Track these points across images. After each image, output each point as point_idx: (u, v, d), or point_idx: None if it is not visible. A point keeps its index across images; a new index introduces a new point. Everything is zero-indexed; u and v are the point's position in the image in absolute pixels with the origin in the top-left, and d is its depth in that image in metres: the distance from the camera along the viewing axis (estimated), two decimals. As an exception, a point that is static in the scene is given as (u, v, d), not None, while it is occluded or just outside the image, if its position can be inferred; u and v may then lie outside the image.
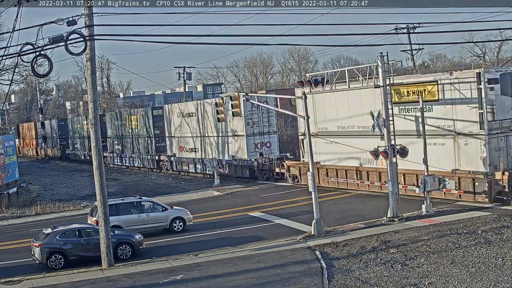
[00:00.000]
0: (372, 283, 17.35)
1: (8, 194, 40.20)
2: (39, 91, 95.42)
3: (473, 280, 16.68)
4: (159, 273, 20.24)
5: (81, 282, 20.06)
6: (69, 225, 24.55)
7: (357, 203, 30.81)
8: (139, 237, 23.80)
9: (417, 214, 26.30)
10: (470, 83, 27.37)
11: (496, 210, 25.59)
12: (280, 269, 19.60)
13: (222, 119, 29.94)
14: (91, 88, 21.90)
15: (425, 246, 20.73)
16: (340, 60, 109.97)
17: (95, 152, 22.07)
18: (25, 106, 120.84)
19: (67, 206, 37.65)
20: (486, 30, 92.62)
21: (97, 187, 22.12)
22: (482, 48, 75.13)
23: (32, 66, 19.14)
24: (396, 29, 55.31)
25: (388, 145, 25.69)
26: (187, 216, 27.89)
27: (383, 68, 25.77)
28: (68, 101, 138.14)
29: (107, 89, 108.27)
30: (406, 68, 55.65)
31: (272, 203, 33.18)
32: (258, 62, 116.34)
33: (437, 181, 26.61)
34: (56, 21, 19.07)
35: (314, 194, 24.34)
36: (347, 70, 28.33)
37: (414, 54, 58.89)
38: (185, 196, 39.47)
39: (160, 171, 55.91)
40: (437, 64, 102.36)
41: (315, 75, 28.75)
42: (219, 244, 24.31)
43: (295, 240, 23.64)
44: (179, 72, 69.72)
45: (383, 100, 25.94)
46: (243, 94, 29.01)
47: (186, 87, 74.43)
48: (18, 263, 23.83)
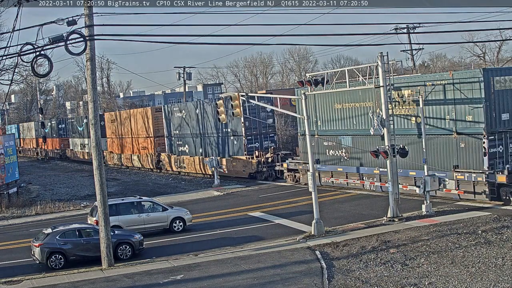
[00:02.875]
0: (372, 283, 17.36)
1: (8, 194, 40.20)
2: (39, 91, 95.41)
3: (473, 280, 16.68)
4: (159, 273, 20.25)
5: (81, 282, 20.05)
6: (69, 225, 24.54)
7: (357, 203, 30.82)
8: (139, 237, 23.80)
9: (417, 214, 26.32)
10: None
11: (496, 210, 25.60)
12: (280, 269, 19.60)
13: (223, 120, 29.94)
14: (91, 88, 21.90)
15: (425, 246, 20.73)
16: (340, 60, 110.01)
17: (95, 152, 22.07)
18: (25, 106, 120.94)
19: (67, 206, 37.65)
20: (486, 30, 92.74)
21: (97, 187, 22.12)
22: (482, 48, 75.14)
23: (32, 66, 19.13)
24: (396, 29, 55.34)
25: (388, 145, 25.71)
26: (187, 216, 27.89)
27: (383, 68, 25.78)
28: (68, 101, 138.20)
29: (107, 89, 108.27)
30: (406, 68, 55.65)
31: (272, 203, 33.19)
32: (258, 62, 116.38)
33: (437, 181, 26.62)
34: (56, 21, 19.07)
35: (314, 194, 24.35)
36: (347, 70, 28.28)
37: (414, 54, 58.94)
38: (185, 196, 39.48)
39: (160, 171, 55.92)
40: (437, 64, 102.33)
41: (315, 75, 28.65)
42: (219, 244, 24.31)
43: (295, 240, 23.64)
44: (179, 72, 69.72)
45: (383, 100, 25.94)
46: (243, 94, 28.99)
47: (186, 87, 74.42)
48: (18, 263, 23.83)
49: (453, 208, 26.88)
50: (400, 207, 26.12)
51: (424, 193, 26.37)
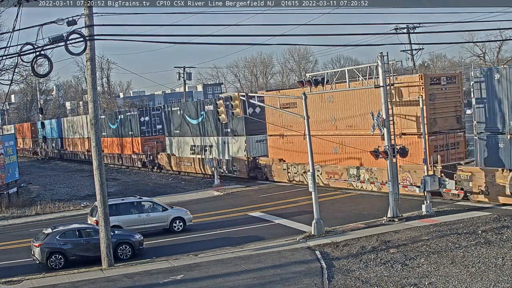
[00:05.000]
0: (372, 283, 17.36)
1: (8, 194, 40.20)
2: (39, 91, 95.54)
3: (473, 280, 16.68)
4: (159, 273, 20.25)
5: (81, 282, 20.05)
6: (69, 225, 24.54)
7: (357, 203, 30.82)
8: (139, 237, 23.80)
9: (417, 214, 26.32)
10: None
11: (496, 210, 25.59)
12: (280, 269, 19.60)
13: (223, 120, 29.91)
14: (91, 88, 21.91)
15: (425, 246, 20.73)
16: (340, 60, 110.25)
17: (95, 152, 22.07)
18: (25, 106, 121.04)
19: (67, 206, 37.65)
20: (486, 30, 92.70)
21: (97, 187, 22.12)
22: (482, 48, 75.28)
23: (32, 66, 19.12)
24: (396, 29, 55.40)
25: (388, 145, 25.71)
26: (187, 216, 27.89)
27: (383, 68, 25.78)
28: (68, 101, 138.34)
29: (107, 89, 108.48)
30: (406, 68, 55.68)
31: (272, 203, 33.19)
32: (258, 62, 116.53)
33: (437, 181, 26.62)
34: (56, 21, 19.06)
35: (314, 194, 24.35)
36: (347, 70, 28.28)
37: (414, 54, 59.02)
38: (185, 196, 39.48)
39: (160, 171, 55.91)
40: (437, 64, 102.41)
41: (315, 75, 28.67)
42: (219, 244, 24.31)
43: (295, 240, 23.64)
44: (179, 72, 69.77)
45: (383, 100, 25.95)
46: (242, 94, 28.98)
47: (186, 87, 74.48)
48: (18, 263, 23.83)
49: (453, 208, 26.88)
50: (400, 207, 26.12)
51: (424, 193, 26.39)
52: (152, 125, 57.91)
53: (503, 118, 26.20)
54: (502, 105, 26.19)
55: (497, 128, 26.62)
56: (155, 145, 57.14)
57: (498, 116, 26.50)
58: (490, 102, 26.81)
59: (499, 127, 26.50)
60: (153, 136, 57.78)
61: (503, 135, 26.29)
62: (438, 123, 29.86)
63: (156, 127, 57.97)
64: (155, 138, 57.75)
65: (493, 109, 26.68)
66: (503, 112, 26.15)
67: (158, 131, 57.86)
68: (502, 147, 26.32)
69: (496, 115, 26.58)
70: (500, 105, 26.27)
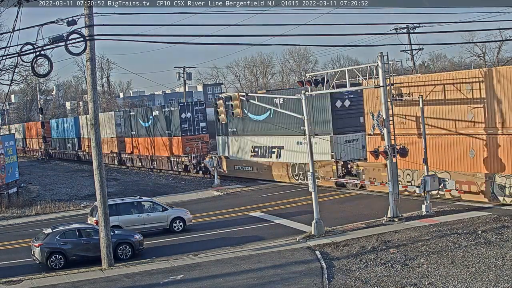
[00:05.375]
0: (372, 283, 17.35)
1: (8, 194, 40.22)
2: (39, 91, 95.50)
3: (473, 280, 16.67)
4: (159, 273, 20.25)
5: (81, 282, 20.05)
6: (69, 225, 24.55)
7: (357, 203, 30.83)
8: (139, 237, 23.80)
9: (417, 214, 26.32)
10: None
11: (496, 210, 25.59)
12: (280, 269, 19.60)
13: (222, 120, 29.90)
14: (91, 88, 21.91)
15: (425, 246, 20.73)
16: (340, 60, 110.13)
17: (95, 152, 22.07)
18: (25, 106, 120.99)
19: (67, 206, 37.67)
20: (486, 30, 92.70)
21: (97, 187, 22.12)
22: (482, 48, 75.23)
23: (32, 66, 19.13)
24: (396, 29, 55.36)
25: (388, 145, 25.71)
26: (187, 216, 27.89)
27: (383, 68, 25.78)
28: (68, 101, 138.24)
29: (107, 89, 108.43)
30: (406, 68, 55.71)
31: (272, 203, 33.19)
32: (258, 62, 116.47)
33: (437, 181, 26.61)
34: (56, 21, 19.06)
35: (314, 194, 24.35)
36: (347, 70, 28.26)
37: (414, 54, 58.98)
38: (185, 196, 39.49)
39: (160, 171, 55.88)
40: (437, 64, 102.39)
41: (315, 75, 28.64)
42: (219, 244, 24.31)
43: (295, 240, 23.64)
44: (179, 72, 69.74)
45: (383, 100, 25.94)
46: (242, 94, 28.98)
47: (186, 87, 74.45)
48: (18, 263, 23.84)
49: (453, 208, 26.87)
50: (400, 207, 26.11)
51: (424, 193, 26.38)
52: (195, 122, 50.15)
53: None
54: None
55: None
56: (200, 145, 49.03)
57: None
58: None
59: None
60: (196, 136, 49.95)
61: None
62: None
63: (199, 124, 50.19)
64: (199, 137, 49.92)
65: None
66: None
67: (202, 129, 50.31)
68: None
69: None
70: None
